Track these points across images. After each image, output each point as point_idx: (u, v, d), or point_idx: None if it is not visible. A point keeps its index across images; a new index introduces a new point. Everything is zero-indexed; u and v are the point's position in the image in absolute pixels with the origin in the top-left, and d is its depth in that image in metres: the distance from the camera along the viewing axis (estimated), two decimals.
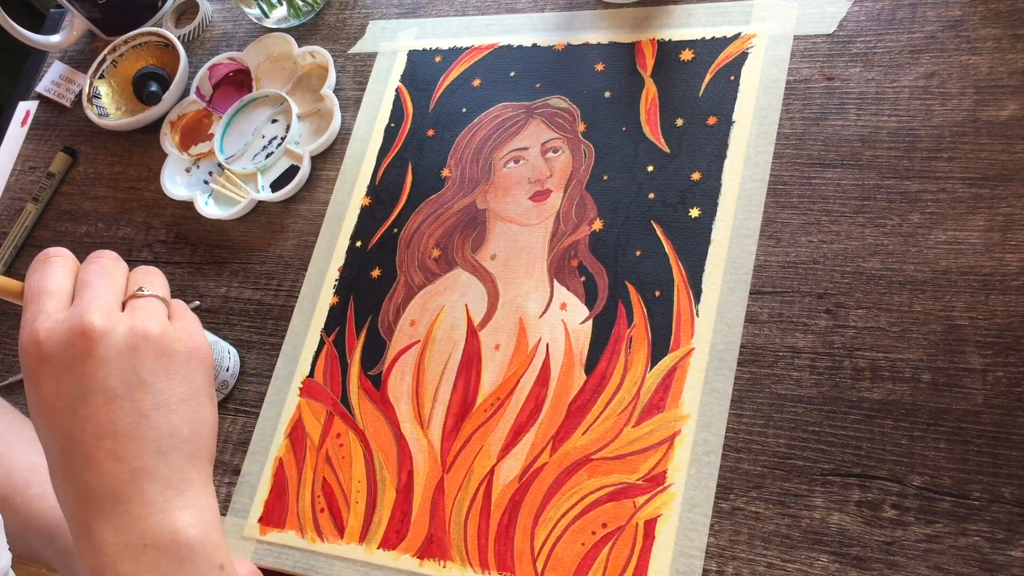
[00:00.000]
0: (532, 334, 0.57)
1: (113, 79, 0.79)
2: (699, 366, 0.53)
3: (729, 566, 0.48)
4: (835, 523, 0.47)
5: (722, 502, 0.49)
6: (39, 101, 0.85)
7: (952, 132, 0.54)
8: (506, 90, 0.66)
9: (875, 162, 0.54)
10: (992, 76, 0.54)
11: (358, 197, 0.66)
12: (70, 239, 0.75)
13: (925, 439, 0.47)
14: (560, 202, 0.60)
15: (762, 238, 0.55)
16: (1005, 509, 0.45)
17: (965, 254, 0.50)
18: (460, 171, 0.64)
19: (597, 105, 0.63)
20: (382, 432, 0.58)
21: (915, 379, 0.49)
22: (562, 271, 0.58)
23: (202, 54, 0.80)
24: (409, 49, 0.71)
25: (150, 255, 0.71)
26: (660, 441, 0.51)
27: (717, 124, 0.59)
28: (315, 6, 0.76)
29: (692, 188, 0.57)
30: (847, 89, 0.57)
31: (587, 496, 0.51)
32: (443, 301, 0.60)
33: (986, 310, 0.49)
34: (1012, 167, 0.51)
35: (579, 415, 0.54)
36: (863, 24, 0.58)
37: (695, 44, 0.62)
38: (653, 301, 0.55)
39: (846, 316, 0.51)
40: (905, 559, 0.45)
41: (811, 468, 0.49)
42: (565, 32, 0.67)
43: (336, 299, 0.63)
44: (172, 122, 0.76)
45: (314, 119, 0.72)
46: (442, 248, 0.62)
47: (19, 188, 0.80)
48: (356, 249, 0.65)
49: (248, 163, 0.71)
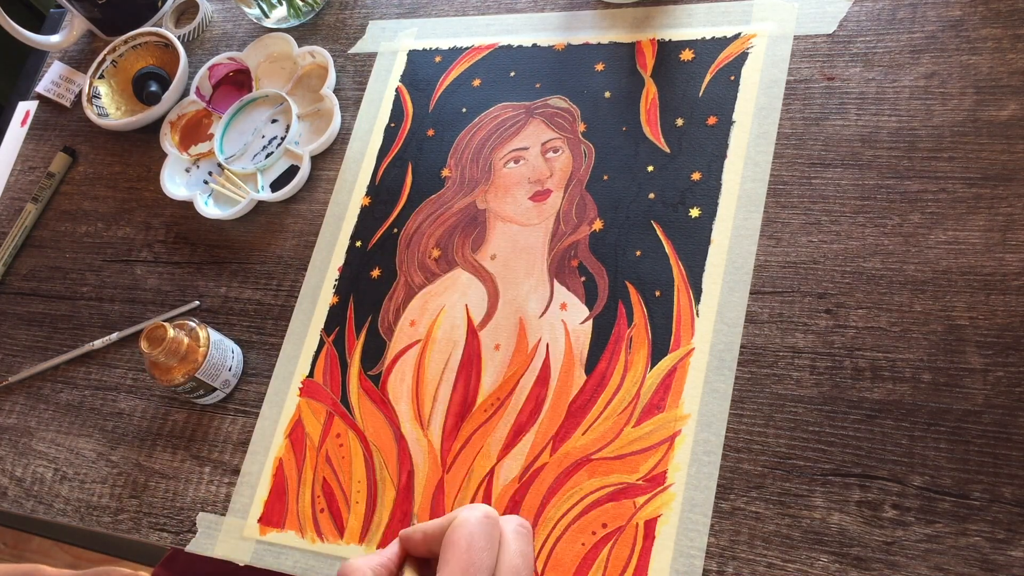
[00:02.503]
0: (532, 334, 0.57)
1: (113, 79, 0.79)
2: (699, 366, 0.53)
3: (729, 566, 0.48)
4: (835, 523, 0.47)
5: (722, 502, 0.49)
6: (39, 101, 0.85)
7: (952, 132, 0.54)
8: (506, 90, 0.66)
9: (875, 162, 0.54)
10: (992, 76, 0.54)
11: (358, 197, 0.66)
12: (70, 239, 0.75)
13: (925, 439, 0.47)
14: (560, 202, 0.60)
15: (762, 238, 0.55)
16: (1005, 509, 0.45)
17: (965, 254, 0.50)
18: (460, 171, 0.64)
19: (597, 105, 0.63)
20: (382, 432, 0.58)
21: (915, 379, 0.49)
22: (562, 271, 0.58)
23: (202, 54, 0.80)
24: (409, 49, 0.71)
25: (150, 255, 0.71)
26: (660, 441, 0.51)
27: (717, 124, 0.59)
28: (315, 6, 0.76)
29: (692, 188, 0.57)
30: (847, 89, 0.57)
31: (587, 496, 0.51)
32: (443, 301, 0.60)
33: (986, 310, 0.49)
34: (1012, 167, 0.51)
35: (579, 415, 0.54)
36: (863, 24, 0.58)
37: (695, 44, 0.62)
38: (653, 301, 0.55)
39: (846, 316, 0.51)
40: (905, 559, 0.45)
41: (811, 468, 0.49)
42: (565, 32, 0.67)
43: (336, 299, 0.63)
44: (172, 122, 0.76)
45: (314, 119, 0.72)
46: (442, 248, 0.62)
47: (19, 188, 0.80)
48: (356, 249, 0.64)
49: (248, 163, 0.71)
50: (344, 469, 0.57)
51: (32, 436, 0.67)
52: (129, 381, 0.67)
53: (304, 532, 0.56)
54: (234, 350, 0.63)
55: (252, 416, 0.62)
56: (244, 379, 0.63)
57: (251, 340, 0.64)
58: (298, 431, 0.60)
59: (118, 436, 0.65)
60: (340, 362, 0.61)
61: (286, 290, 0.65)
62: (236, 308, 0.66)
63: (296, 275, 0.65)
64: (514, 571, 0.45)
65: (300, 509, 0.57)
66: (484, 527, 0.45)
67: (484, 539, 0.45)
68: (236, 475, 0.60)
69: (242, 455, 0.61)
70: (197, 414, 0.63)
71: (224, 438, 0.62)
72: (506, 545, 0.46)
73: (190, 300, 0.68)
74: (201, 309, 0.67)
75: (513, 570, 0.45)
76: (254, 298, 0.66)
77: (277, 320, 0.64)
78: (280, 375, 0.62)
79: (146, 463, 0.63)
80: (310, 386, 0.61)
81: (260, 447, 0.60)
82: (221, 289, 0.67)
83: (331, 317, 0.63)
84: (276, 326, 0.64)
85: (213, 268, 0.69)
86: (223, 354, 0.61)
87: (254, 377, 0.63)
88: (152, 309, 0.69)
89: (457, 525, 0.46)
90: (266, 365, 0.63)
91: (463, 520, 0.46)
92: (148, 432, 0.64)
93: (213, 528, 0.58)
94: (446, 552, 0.45)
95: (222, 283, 0.68)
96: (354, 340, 0.61)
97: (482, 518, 0.46)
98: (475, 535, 0.45)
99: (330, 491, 0.57)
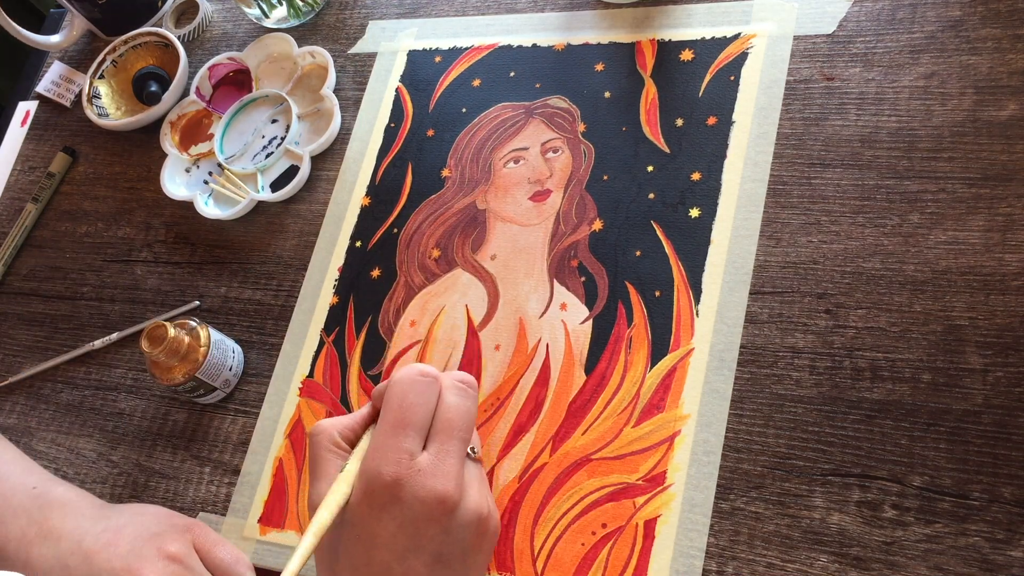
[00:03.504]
0: (532, 334, 0.57)
1: (113, 79, 0.79)
2: (699, 366, 0.53)
3: (729, 566, 0.48)
4: (835, 523, 0.47)
5: (722, 502, 0.49)
6: (39, 101, 0.85)
7: (952, 132, 0.54)
8: (506, 90, 0.66)
9: (875, 162, 0.54)
10: (992, 76, 0.54)
11: (358, 197, 0.66)
12: (70, 239, 0.75)
13: (925, 439, 0.47)
14: (560, 202, 0.60)
15: (762, 238, 0.55)
16: (1005, 509, 0.45)
17: (965, 254, 0.50)
18: (460, 171, 0.64)
19: (597, 105, 0.63)
20: None
21: (915, 379, 0.49)
22: (562, 271, 0.58)
23: (202, 54, 0.80)
24: (409, 49, 0.71)
25: (150, 255, 0.71)
26: (660, 441, 0.51)
27: (717, 124, 0.59)
28: (315, 6, 0.76)
29: (692, 188, 0.57)
30: (847, 89, 0.57)
31: (587, 496, 0.51)
32: (443, 301, 0.60)
33: (986, 310, 0.49)
34: (1012, 167, 0.51)
35: (579, 415, 0.54)
36: (863, 24, 0.58)
37: (695, 44, 0.62)
38: (653, 301, 0.55)
39: (846, 316, 0.51)
40: (905, 559, 0.45)
41: (811, 468, 0.49)
42: (565, 32, 0.67)
43: (336, 299, 0.63)
44: (172, 122, 0.76)
45: (314, 119, 0.72)
46: (442, 248, 0.62)
47: (19, 188, 0.80)
48: (356, 249, 0.65)
49: (248, 163, 0.71)
50: None
51: (32, 436, 0.67)
52: (129, 381, 0.67)
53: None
54: (235, 350, 0.63)
55: (252, 416, 0.62)
56: (244, 379, 0.63)
57: (251, 340, 0.64)
58: (298, 431, 0.60)
59: (118, 436, 0.65)
60: (340, 362, 0.61)
61: (286, 290, 0.65)
62: (236, 308, 0.66)
63: (296, 275, 0.65)
64: (448, 424, 0.45)
65: (300, 509, 0.57)
66: (418, 384, 0.45)
67: (416, 395, 0.45)
68: (236, 475, 0.60)
69: (242, 455, 0.61)
70: (197, 414, 0.63)
71: (224, 438, 0.62)
72: (443, 400, 0.46)
73: (190, 300, 0.68)
74: (201, 309, 0.67)
75: (447, 423, 0.45)
76: (254, 298, 0.66)
77: (277, 320, 0.64)
78: (280, 375, 0.62)
79: (146, 463, 0.63)
80: (310, 386, 0.61)
81: (260, 447, 0.60)
82: (221, 289, 0.68)
83: (331, 317, 0.63)
84: (276, 326, 0.64)
85: (213, 268, 0.69)
86: (224, 354, 0.61)
87: (254, 377, 0.63)
88: (152, 309, 0.69)
89: (392, 382, 0.46)
90: (266, 365, 0.63)
91: (398, 378, 0.46)
92: (148, 432, 0.64)
93: (213, 528, 0.58)
94: (382, 410, 0.45)
95: (222, 283, 0.68)
96: (354, 340, 0.61)
97: (416, 375, 0.46)
98: (407, 391, 0.45)
99: None
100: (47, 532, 0.53)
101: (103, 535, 0.52)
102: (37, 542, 0.53)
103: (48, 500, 0.56)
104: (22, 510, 0.55)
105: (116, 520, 0.54)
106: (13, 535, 0.54)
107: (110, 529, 0.53)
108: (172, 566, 0.51)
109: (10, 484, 0.57)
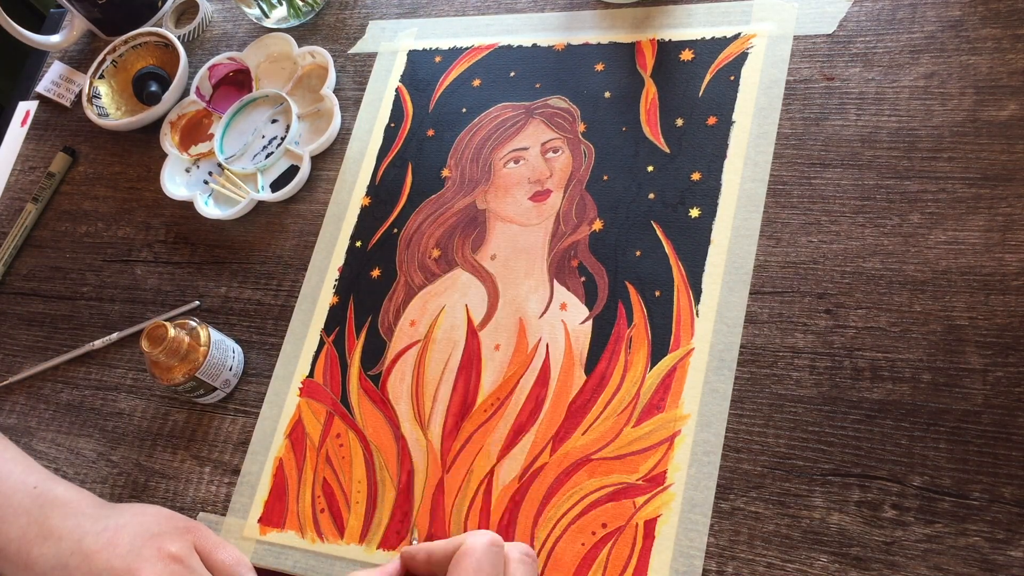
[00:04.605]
0: (532, 334, 0.57)
1: (113, 79, 0.79)
2: (699, 366, 0.53)
3: (729, 566, 0.48)
4: (835, 523, 0.47)
5: (722, 502, 0.49)
6: (39, 101, 0.85)
7: (952, 132, 0.54)
8: (506, 90, 0.66)
9: (875, 162, 0.54)
10: (992, 76, 0.54)
11: (358, 197, 0.66)
12: (70, 239, 0.75)
13: (925, 439, 0.47)
14: (560, 202, 0.60)
15: (762, 238, 0.55)
16: (1005, 509, 0.45)
17: (965, 254, 0.50)
18: (460, 171, 0.64)
19: (597, 105, 0.63)
20: (382, 432, 0.58)
21: (915, 379, 0.49)
22: (562, 271, 0.58)
23: (202, 54, 0.80)
24: (409, 49, 0.71)
25: (150, 255, 0.71)
26: (660, 441, 0.51)
27: (717, 124, 0.59)
28: (315, 6, 0.76)
29: (692, 188, 0.57)
30: (847, 89, 0.57)
31: (587, 496, 0.51)
32: (443, 301, 0.60)
33: (986, 310, 0.49)
34: (1012, 167, 0.51)
35: (579, 415, 0.54)
36: (863, 24, 0.58)
37: (695, 44, 0.62)
38: (653, 301, 0.55)
39: (846, 316, 0.51)
40: (905, 559, 0.45)
41: (811, 468, 0.49)
42: (565, 32, 0.67)
43: (336, 299, 0.63)
44: (172, 122, 0.76)
45: (314, 119, 0.72)
46: (442, 248, 0.62)
47: (19, 188, 0.80)
48: (356, 249, 0.65)
49: (248, 163, 0.71)
50: (344, 469, 0.57)
51: (32, 436, 0.67)
52: (129, 381, 0.67)
53: (304, 532, 0.56)
54: (235, 350, 0.63)
55: (252, 416, 0.62)
56: (244, 379, 0.63)
57: (251, 340, 0.64)
58: (298, 431, 0.60)
59: (118, 436, 0.65)
60: (340, 362, 0.61)
61: (286, 290, 0.65)
62: (236, 308, 0.66)
63: (296, 275, 0.65)
64: None
65: (300, 509, 0.57)
66: (490, 555, 0.46)
67: (490, 567, 0.46)
68: (236, 475, 0.60)
69: (242, 455, 0.61)
70: (197, 414, 0.63)
71: (224, 438, 0.62)
72: (509, 571, 0.47)
73: (190, 300, 0.68)
74: (201, 309, 0.67)
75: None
76: (254, 298, 0.66)
77: (277, 320, 0.64)
78: (280, 375, 0.62)
79: (146, 463, 0.63)
80: (310, 386, 0.61)
81: (260, 447, 0.60)
82: (221, 289, 0.68)
83: (331, 317, 0.63)
84: (276, 326, 0.64)
85: (213, 268, 0.69)
86: (224, 354, 0.61)
87: (254, 377, 0.63)
88: (152, 309, 0.69)
89: (464, 552, 0.46)
90: (266, 365, 0.63)
91: (470, 547, 0.46)
92: (148, 432, 0.64)
93: (213, 528, 0.58)
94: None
95: (222, 283, 0.68)
96: (354, 340, 0.61)
97: (488, 545, 0.46)
98: (482, 563, 0.46)
99: (330, 491, 0.57)
100: (48, 532, 0.53)
101: (103, 535, 0.53)
102: (38, 541, 0.53)
103: (49, 499, 0.56)
104: (23, 509, 0.55)
105: (117, 520, 0.54)
106: (14, 534, 0.54)
107: (110, 529, 0.53)
108: (172, 566, 0.51)
109: (11, 483, 0.57)
